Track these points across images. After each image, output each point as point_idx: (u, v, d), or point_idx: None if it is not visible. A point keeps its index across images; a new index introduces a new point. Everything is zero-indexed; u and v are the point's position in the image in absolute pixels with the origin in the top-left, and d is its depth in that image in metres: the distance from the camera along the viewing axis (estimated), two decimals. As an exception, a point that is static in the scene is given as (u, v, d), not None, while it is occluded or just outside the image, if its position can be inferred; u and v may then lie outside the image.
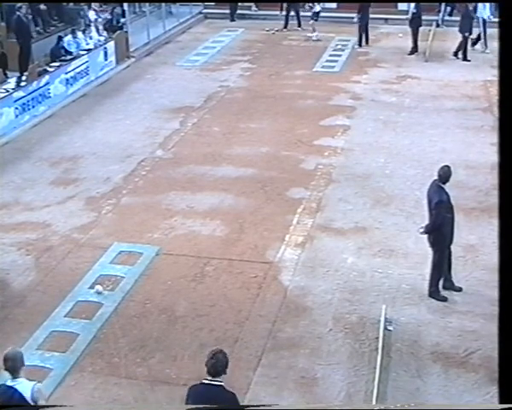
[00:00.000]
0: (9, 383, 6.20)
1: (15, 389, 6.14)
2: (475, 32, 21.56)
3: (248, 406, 7.56)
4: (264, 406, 7.65)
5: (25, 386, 6.18)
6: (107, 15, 22.48)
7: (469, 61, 20.88)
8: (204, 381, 6.07)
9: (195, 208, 12.21)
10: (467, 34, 20.90)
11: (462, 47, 21.07)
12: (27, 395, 6.13)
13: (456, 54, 21.25)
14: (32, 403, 6.12)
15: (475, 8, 21.52)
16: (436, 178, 9.35)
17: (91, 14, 21.69)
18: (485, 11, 21.58)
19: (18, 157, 14.40)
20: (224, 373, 6.06)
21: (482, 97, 17.75)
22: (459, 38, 21.15)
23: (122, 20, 22.82)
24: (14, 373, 6.19)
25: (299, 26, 25.17)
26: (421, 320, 9.14)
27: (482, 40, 21.73)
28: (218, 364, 6.01)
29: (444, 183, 9.25)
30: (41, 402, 6.17)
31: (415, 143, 14.90)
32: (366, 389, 7.96)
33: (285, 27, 25.34)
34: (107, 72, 20.23)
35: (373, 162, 13.93)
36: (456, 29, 21.36)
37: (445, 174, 9.25)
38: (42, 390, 6.33)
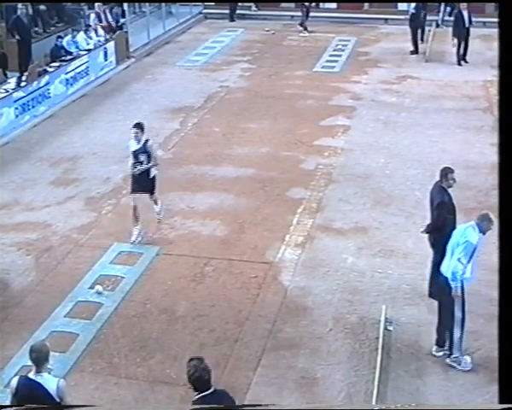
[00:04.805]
0: (32, 376, 6.19)
1: (39, 383, 6.12)
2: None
3: (248, 406, 7.57)
4: (264, 406, 7.65)
5: (48, 381, 6.16)
6: (108, 16, 22.42)
7: (461, 64, 20.75)
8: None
9: (195, 208, 12.21)
10: (455, 38, 20.78)
11: (457, 50, 20.96)
12: (52, 390, 6.11)
13: (462, 59, 21.02)
14: (58, 399, 6.11)
15: None
16: (438, 179, 9.35)
17: (92, 18, 21.55)
18: None
19: (18, 157, 14.40)
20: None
21: (482, 97, 17.75)
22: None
23: (122, 20, 22.82)
24: (38, 367, 6.17)
25: (303, 26, 25.00)
26: (421, 320, 9.14)
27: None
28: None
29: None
30: (65, 399, 6.17)
31: (415, 143, 14.90)
32: (366, 389, 7.96)
33: (305, 29, 24.99)
34: (107, 72, 20.23)
35: (373, 162, 13.93)
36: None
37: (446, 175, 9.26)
38: (65, 387, 6.29)
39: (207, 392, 5.91)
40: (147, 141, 11.00)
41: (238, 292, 9.82)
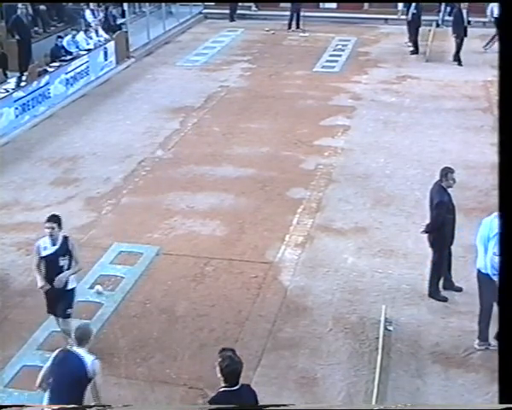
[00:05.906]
0: (73, 348, 6.62)
1: (77, 354, 6.53)
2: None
3: (249, 406, 7.56)
4: (264, 406, 7.64)
5: (86, 356, 6.54)
6: (103, 15, 22.45)
7: (461, 64, 20.66)
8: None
9: (195, 208, 12.20)
10: (455, 36, 20.76)
11: (455, 49, 20.90)
12: (88, 364, 6.49)
13: (457, 59, 20.93)
14: (90, 374, 6.48)
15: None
16: (438, 179, 9.37)
17: (88, 14, 21.72)
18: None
19: (18, 157, 14.40)
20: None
21: (482, 97, 17.74)
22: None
23: (122, 20, 22.84)
24: (79, 344, 6.60)
25: (298, 27, 25.14)
26: (421, 320, 9.14)
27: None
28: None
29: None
30: (97, 377, 6.53)
31: (415, 143, 14.90)
32: (366, 389, 7.96)
33: (289, 27, 25.16)
34: (107, 72, 20.23)
35: (373, 162, 13.93)
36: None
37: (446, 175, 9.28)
38: (99, 367, 6.61)
39: (235, 387, 5.95)
40: (66, 239, 8.19)
41: (238, 292, 9.82)
